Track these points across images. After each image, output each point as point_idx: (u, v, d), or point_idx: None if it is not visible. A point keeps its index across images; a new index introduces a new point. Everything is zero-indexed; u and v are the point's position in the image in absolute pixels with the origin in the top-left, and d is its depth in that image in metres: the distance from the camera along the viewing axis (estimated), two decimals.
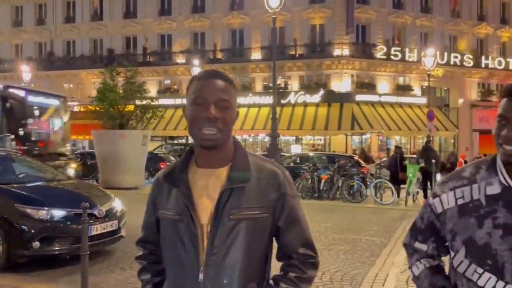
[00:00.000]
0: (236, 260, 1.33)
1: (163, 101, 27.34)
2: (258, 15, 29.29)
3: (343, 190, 12.72)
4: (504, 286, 1.25)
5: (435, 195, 1.42)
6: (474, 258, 1.30)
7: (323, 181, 13.04)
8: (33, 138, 11.12)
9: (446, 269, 1.46)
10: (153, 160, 17.47)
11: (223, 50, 31.70)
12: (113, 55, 32.29)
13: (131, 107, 15.81)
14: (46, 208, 5.44)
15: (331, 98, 27.79)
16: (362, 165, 15.12)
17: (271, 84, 29.65)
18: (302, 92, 28.31)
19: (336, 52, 29.35)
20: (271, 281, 1.44)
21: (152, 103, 16.13)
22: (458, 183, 1.36)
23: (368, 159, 19.33)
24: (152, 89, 27.13)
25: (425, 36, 31.64)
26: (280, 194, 1.40)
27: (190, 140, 29.52)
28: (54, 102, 12.21)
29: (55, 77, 33.37)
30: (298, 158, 17.15)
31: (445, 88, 32.86)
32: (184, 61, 31.76)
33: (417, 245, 1.49)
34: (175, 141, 29.35)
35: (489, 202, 1.29)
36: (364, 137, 30.11)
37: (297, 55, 29.82)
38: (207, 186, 1.39)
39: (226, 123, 1.37)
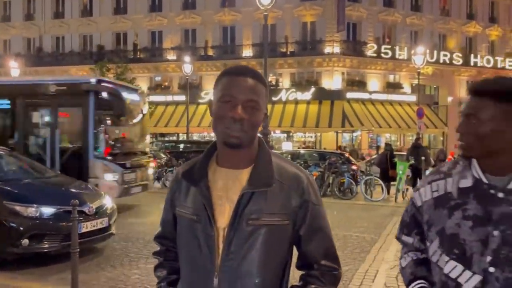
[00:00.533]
0: (253, 268, 1.26)
1: (153, 98, 27.20)
2: (250, 12, 29.26)
3: (334, 187, 12.79)
4: (472, 275, 1.27)
5: (416, 190, 1.48)
6: (444, 247, 1.33)
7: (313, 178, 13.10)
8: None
9: None
10: None
11: (214, 47, 31.61)
12: (103, 51, 32.03)
13: None
14: (35, 206, 5.39)
15: (322, 95, 27.90)
16: (353, 162, 15.21)
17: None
18: (293, 90, 28.36)
19: (327, 49, 29.43)
20: None
21: None
22: (435, 177, 1.42)
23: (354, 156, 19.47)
24: (142, 86, 26.93)
25: (415, 34, 31.86)
26: (303, 201, 1.32)
27: (182, 137, 29.44)
28: (137, 96, 10.67)
29: (44, 73, 32.92)
30: (289, 155, 17.20)
31: (435, 86, 33.15)
32: (175, 57, 31.60)
33: (404, 238, 1.54)
34: (166, 138, 29.19)
35: (461, 194, 1.33)
36: (354, 134, 30.28)
37: (288, 53, 29.84)
38: (227, 187, 1.32)
39: (252, 125, 1.29)
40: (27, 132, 9.33)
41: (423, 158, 12.67)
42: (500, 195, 1.27)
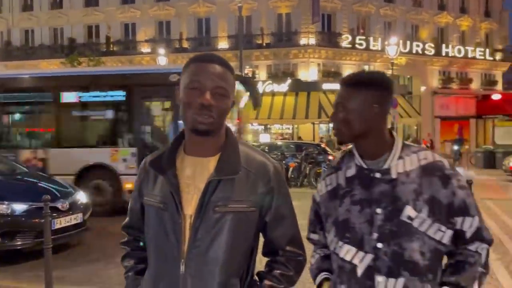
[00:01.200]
0: (219, 254, 1.28)
1: None
2: (225, 4, 29.04)
3: (311, 177, 12.93)
4: (364, 255, 1.37)
5: (317, 188, 1.58)
6: (338, 234, 1.42)
7: (291, 169, 13.22)
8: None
9: None
10: None
11: (189, 39, 31.27)
12: (75, 45, 31.25)
13: None
14: (6, 202, 5.29)
15: (298, 87, 28.01)
16: (329, 152, 15.38)
17: (238, 73, 29.72)
18: (270, 82, 28.38)
19: (303, 41, 29.52)
20: (255, 277, 1.40)
21: None
22: (328, 172, 1.53)
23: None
24: None
25: (389, 25, 32.28)
26: (269, 188, 1.34)
27: None
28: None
29: (13, 68, 31.96)
30: (267, 147, 17.27)
31: (408, 76, 33.72)
32: (149, 50, 31.12)
33: (312, 236, 1.60)
34: None
35: (348, 183, 1.44)
36: (331, 125, 30.55)
37: (264, 44, 29.80)
38: (195, 175, 1.33)
39: (220, 112, 1.30)
40: (147, 126, 8.81)
41: None
42: (377, 175, 1.39)
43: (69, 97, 8.89)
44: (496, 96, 33.87)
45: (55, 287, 4.11)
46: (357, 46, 30.20)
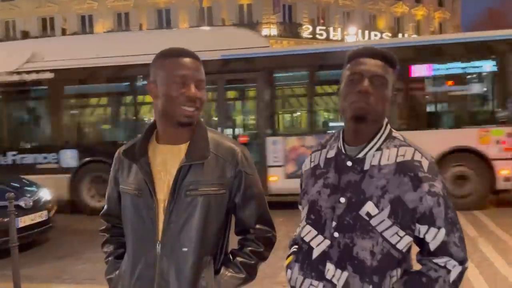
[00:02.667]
0: (192, 235, 1.36)
1: None
2: None
3: None
4: (323, 240, 1.34)
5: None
6: (306, 213, 1.42)
7: None
8: None
9: None
10: None
11: (150, 30, 30.67)
12: (29, 38, 29.99)
13: None
14: None
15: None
16: None
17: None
18: None
19: (265, 31, 29.60)
20: (229, 255, 1.49)
21: None
22: (315, 148, 1.50)
23: None
24: None
25: (347, 15, 32.87)
26: (237, 171, 1.43)
27: None
28: None
29: None
30: None
31: None
32: None
33: (299, 206, 1.51)
34: None
35: (325, 164, 1.40)
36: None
37: None
38: (166, 162, 1.41)
39: (202, 103, 1.41)
40: None
41: None
42: (349, 163, 1.33)
43: (420, 70, 7.46)
44: None
45: (23, 286, 4.09)
46: (317, 36, 30.62)
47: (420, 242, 1.31)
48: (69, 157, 8.29)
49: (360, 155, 1.32)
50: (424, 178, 1.26)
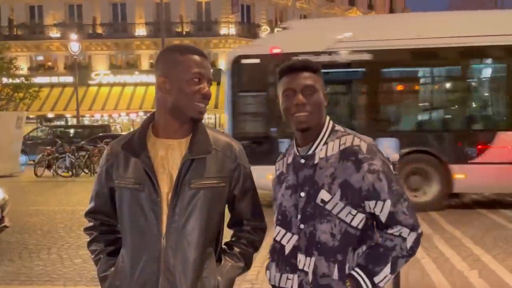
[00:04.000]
0: (196, 226, 1.39)
1: (37, 79, 24.85)
2: None
3: None
4: (291, 236, 1.48)
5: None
6: (276, 216, 1.56)
7: None
8: None
9: None
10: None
11: (103, 25, 29.73)
12: None
13: None
14: None
15: (220, 77, 28.03)
16: None
17: (155, 63, 28.89)
18: None
19: (223, 31, 29.57)
20: (224, 246, 1.54)
21: (25, 82, 14.58)
22: (279, 158, 1.64)
23: None
24: (22, 66, 24.39)
25: (304, 18, 33.53)
26: (236, 164, 1.49)
27: (71, 122, 27.41)
28: None
29: None
30: None
31: None
32: (58, 35, 29.07)
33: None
34: (55, 123, 26.99)
35: (287, 169, 1.55)
36: None
37: (184, 33, 29.36)
38: (167, 156, 1.42)
39: (209, 100, 1.45)
40: None
41: None
42: (302, 161, 1.49)
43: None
44: None
45: None
46: None
47: (374, 217, 1.44)
48: (388, 147, 7.12)
49: (310, 152, 1.48)
50: (364, 158, 1.41)
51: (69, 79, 27.20)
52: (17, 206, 7.87)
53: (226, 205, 1.54)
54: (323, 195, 1.41)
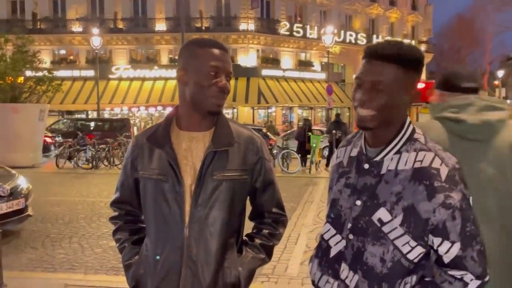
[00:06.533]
0: (218, 217, 1.41)
1: (59, 73, 25.29)
2: None
3: None
4: (340, 240, 1.33)
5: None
6: (328, 210, 1.42)
7: None
8: None
9: None
10: None
11: (124, 19, 30.05)
12: None
13: (22, 79, 14.35)
14: None
15: (238, 72, 28.17)
16: (270, 137, 15.77)
17: (177, 57, 29.08)
18: None
19: (242, 26, 29.57)
20: (245, 238, 1.55)
21: (48, 75, 14.83)
22: (343, 144, 1.47)
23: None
24: (45, 59, 24.87)
25: (324, 14, 33.27)
26: (258, 158, 1.50)
27: (91, 115, 27.86)
28: None
29: None
30: None
31: (342, 65, 35.12)
32: (80, 29, 29.52)
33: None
34: (76, 116, 27.46)
35: (348, 162, 1.38)
36: (269, 110, 31.15)
37: (203, 28, 29.47)
38: (191, 148, 1.45)
39: (228, 93, 1.46)
40: None
41: (339, 133, 13.41)
42: (366, 166, 1.29)
43: None
44: (420, 85, 36.37)
45: (5, 273, 3.99)
46: (294, 33, 30.85)
47: (436, 254, 1.25)
48: None
49: (378, 158, 1.27)
50: (440, 188, 1.18)
51: (90, 73, 27.62)
52: (39, 196, 8.07)
53: (248, 198, 1.55)
54: (382, 214, 1.23)
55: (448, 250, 1.20)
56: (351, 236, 1.29)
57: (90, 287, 3.96)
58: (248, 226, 1.59)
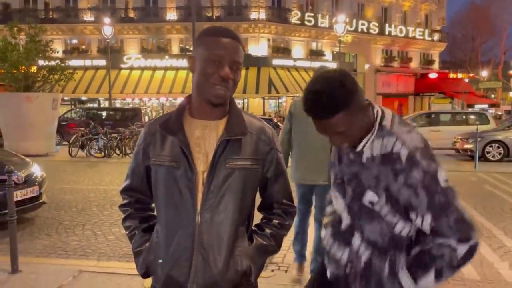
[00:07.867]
0: (230, 205, 1.43)
1: (71, 62, 25.49)
2: None
3: None
4: (347, 216, 1.56)
5: None
6: (333, 189, 1.68)
7: None
8: None
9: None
10: None
11: (135, 9, 30.07)
12: (10, 11, 29.06)
13: (35, 68, 14.49)
14: None
15: (249, 62, 28.04)
16: (280, 127, 15.76)
17: (188, 47, 29.30)
18: None
19: (253, 15, 29.39)
20: (254, 228, 1.57)
21: (61, 64, 14.94)
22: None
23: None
24: (57, 49, 25.04)
25: (336, 2, 32.88)
26: (270, 148, 1.51)
27: (103, 104, 28.07)
28: None
29: None
30: None
31: (353, 54, 34.79)
32: (92, 19, 29.62)
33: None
34: (88, 105, 27.70)
35: (346, 153, 1.56)
36: (280, 100, 31.05)
37: (214, 17, 29.38)
38: (204, 136, 1.45)
39: (235, 84, 1.45)
40: None
41: None
42: (351, 156, 1.49)
43: None
44: (433, 75, 35.98)
45: (20, 259, 4.08)
46: (306, 22, 30.58)
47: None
48: None
49: (358, 149, 1.44)
50: (400, 170, 1.32)
51: (102, 62, 27.77)
52: (53, 184, 8.21)
53: (258, 188, 1.56)
54: (371, 196, 1.41)
55: (422, 222, 1.34)
56: (349, 219, 1.50)
57: (103, 273, 4.03)
58: (256, 218, 1.60)
